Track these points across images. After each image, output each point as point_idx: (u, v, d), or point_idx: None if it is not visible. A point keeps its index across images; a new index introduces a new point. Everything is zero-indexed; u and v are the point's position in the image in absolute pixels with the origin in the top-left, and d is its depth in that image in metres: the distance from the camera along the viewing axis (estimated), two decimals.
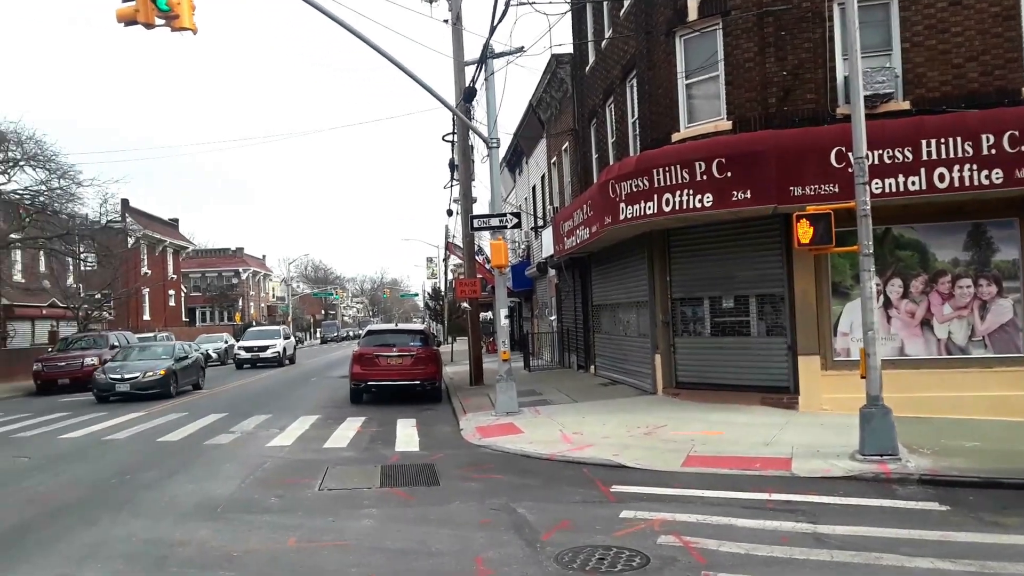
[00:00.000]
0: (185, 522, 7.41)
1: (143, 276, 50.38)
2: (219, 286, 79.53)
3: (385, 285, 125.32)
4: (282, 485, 9.06)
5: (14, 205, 29.89)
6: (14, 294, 35.57)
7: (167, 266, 57.77)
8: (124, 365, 21.14)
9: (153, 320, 51.26)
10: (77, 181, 30.56)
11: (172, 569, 5.94)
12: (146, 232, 51.32)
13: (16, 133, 29.68)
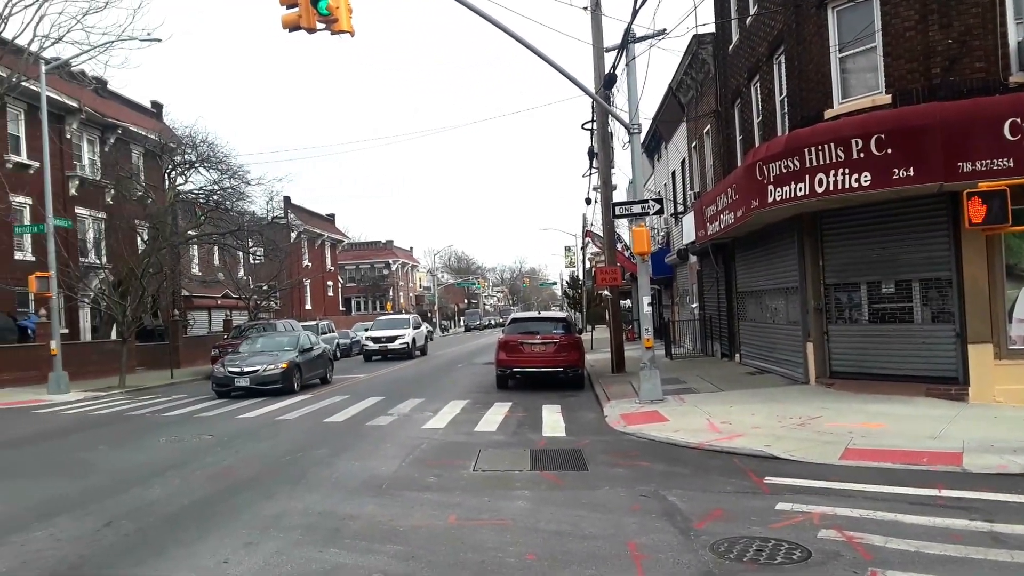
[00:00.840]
0: (354, 497, 7.97)
1: (304, 268, 53.95)
2: (371, 277, 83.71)
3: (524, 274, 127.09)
4: (439, 465, 9.53)
5: (191, 204, 32.78)
6: (192, 286, 39.13)
7: (325, 258, 61.43)
8: (245, 358, 19.57)
9: (314, 309, 54.69)
10: (245, 180, 33.25)
11: (346, 540, 6.41)
12: (306, 227, 54.85)
13: (191, 137, 32.58)
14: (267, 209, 39.35)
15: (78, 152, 30.97)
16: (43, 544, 6.50)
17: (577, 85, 14.94)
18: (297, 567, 5.75)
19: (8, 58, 23.11)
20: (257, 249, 38.73)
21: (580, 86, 15.10)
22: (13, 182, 25.97)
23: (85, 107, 29.63)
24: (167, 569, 5.78)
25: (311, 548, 6.21)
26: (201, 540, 6.54)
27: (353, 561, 5.85)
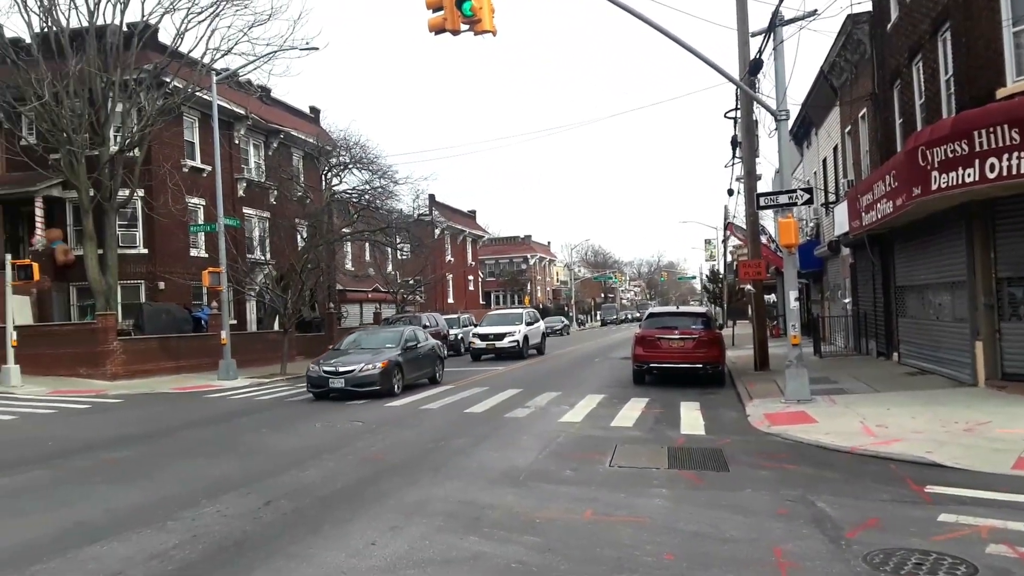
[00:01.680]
0: (493, 487, 8.16)
1: (447, 263, 55.76)
2: (510, 271, 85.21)
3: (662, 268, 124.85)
4: (575, 459, 9.56)
5: (345, 203, 34.66)
6: (346, 280, 41.37)
7: (467, 253, 63.17)
8: (342, 357, 17.78)
9: (456, 303, 56.37)
10: (394, 180, 34.85)
11: (485, 529, 6.58)
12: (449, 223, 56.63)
13: (345, 140, 34.46)
14: (413, 207, 41.02)
15: (245, 156, 33.46)
16: (211, 520, 7.09)
17: (721, 73, 14.47)
18: (439, 552, 5.96)
19: (184, 70, 25.32)
20: (404, 245, 40.36)
21: (724, 73, 14.62)
22: (189, 185, 28.45)
23: (251, 114, 31.97)
24: (321, 547, 6.16)
25: (452, 535, 6.41)
26: (351, 521, 6.92)
27: (492, 550, 5.99)
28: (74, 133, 23.47)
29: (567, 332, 56.98)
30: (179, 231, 28.01)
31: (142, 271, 27.56)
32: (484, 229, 70.47)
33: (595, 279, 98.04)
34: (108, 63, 23.71)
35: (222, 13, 24.70)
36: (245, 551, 6.13)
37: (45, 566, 5.77)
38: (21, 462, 10.28)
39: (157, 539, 6.46)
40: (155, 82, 24.92)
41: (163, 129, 26.46)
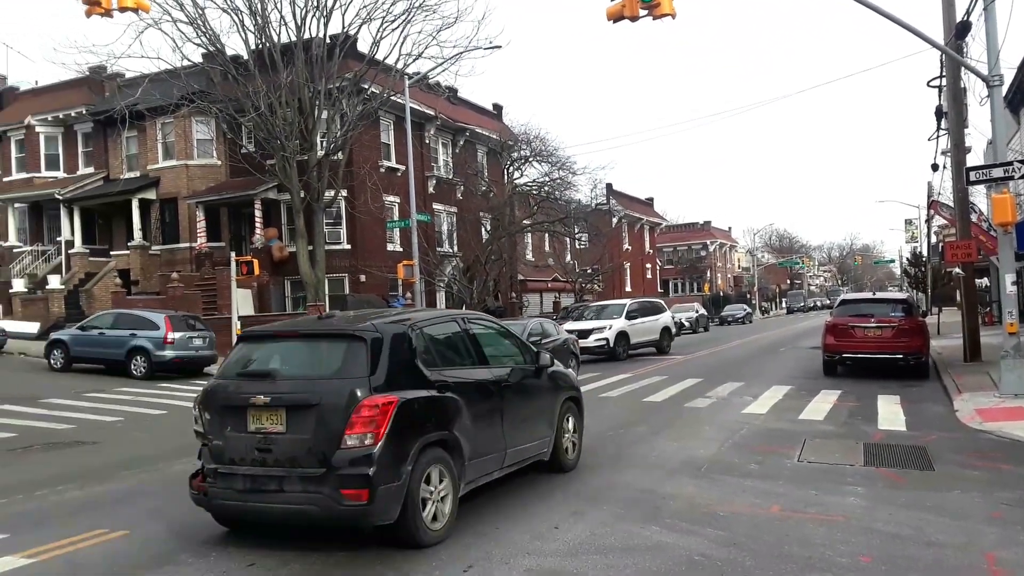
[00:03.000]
0: (672, 477, 8.13)
1: (625, 251, 55.61)
2: (688, 258, 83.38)
3: (855, 252, 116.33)
4: (760, 452, 9.29)
5: (526, 196, 35.60)
6: (526, 270, 42.48)
7: (644, 241, 62.60)
8: None
9: (633, 291, 56.07)
10: (572, 171, 35.32)
11: (666, 520, 6.60)
12: (627, 212, 56.41)
13: (526, 134, 35.38)
14: (591, 196, 41.38)
15: (435, 155, 35.26)
16: None
17: (922, 38, 13.32)
18: (620, 540, 6.06)
19: (380, 77, 27.11)
20: (582, 235, 40.72)
21: (926, 39, 13.44)
22: (385, 184, 30.48)
23: (440, 115, 33.62)
24: (507, 527, 6.46)
25: (632, 523, 6.49)
26: (536, 504, 7.19)
27: (673, 541, 6.01)
28: (286, 140, 25.88)
29: (749, 320, 54.76)
30: (377, 227, 30.08)
31: (345, 265, 29.90)
32: (662, 216, 69.35)
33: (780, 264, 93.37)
34: (314, 74, 25.88)
35: (413, 20, 26.19)
36: None
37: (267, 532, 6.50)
38: None
39: None
40: (355, 89, 26.87)
41: (362, 133, 28.48)
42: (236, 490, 5.84)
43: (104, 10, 10.98)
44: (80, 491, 8.34)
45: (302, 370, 6.25)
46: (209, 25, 25.64)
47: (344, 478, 5.51)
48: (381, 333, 6.08)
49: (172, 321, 20.09)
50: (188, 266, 30.27)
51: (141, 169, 32.13)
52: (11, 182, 34.28)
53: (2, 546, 6.25)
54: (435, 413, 6.18)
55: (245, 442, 5.84)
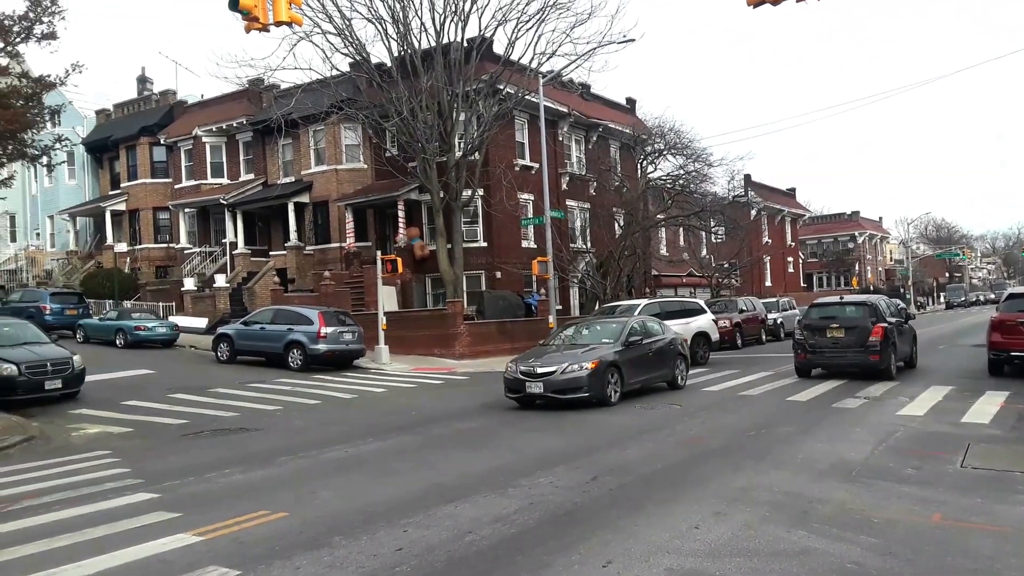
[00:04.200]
0: (821, 480, 7.78)
1: (764, 245, 53.45)
2: (834, 251, 79.08)
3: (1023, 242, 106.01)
4: (917, 456, 8.72)
5: (660, 190, 35.02)
6: (660, 265, 41.77)
7: (785, 234, 59.93)
8: (544, 354, 14.27)
9: (774, 286, 53.84)
10: (708, 163, 34.34)
11: (814, 524, 6.33)
12: (766, 203, 54.23)
13: (660, 127, 34.77)
14: (728, 188, 39.97)
15: (568, 151, 35.35)
16: (545, 489, 7.75)
17: None
18: (765, 543, 5.88)
19: (515, 77, 27.51)
20: (719, 228, 39.54)
21: None
22: (520, 182, 30.90)
23: (573, 111, 33.66)
24: (645, 525, 6.43)
25: (778, 527, 6.28)
26: (673, 502, 7.11)
27: (823, 547, 5.76)
28: (427, 143, 26.78)
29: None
30: (512, 225, 30.56)
31: (482, 262, 30.57)
32: (805, 207, 66.04)
33: (937, 256, 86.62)
34: (452, 77, 26.62)
35: (547, 19, 26.30)
36: (575, 522, 6.63)
37: (411, 520, 6.78)
38: (392, 429, 12.14)
39: (500, 503, 7.25)
40: (491, 90, 27.41)
41: (498, 133, 28.99)
42: (824, 356, 16.17)
43: (262, 25, 11.80)
44: (244, 474, 9.05)
45: (852, 314, 16.47)
46: (355, 35, 26.91)
47: (870, 350, 15.44)
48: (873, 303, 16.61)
49: (325, 317, 21.33)
50: (338, 264, 31.98)
51: (295, 174, 34.29)
52: (181, 189, 37.59)
53: (175, 524, 6.88)
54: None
55: (828, 340, 16.13)
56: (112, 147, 40.05)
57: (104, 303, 31.70)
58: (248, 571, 5.58)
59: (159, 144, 38.37)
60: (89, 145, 41.12)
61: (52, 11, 13.63)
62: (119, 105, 42.02)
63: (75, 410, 14.49)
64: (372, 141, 32.13)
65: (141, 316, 26.70)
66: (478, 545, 6.06)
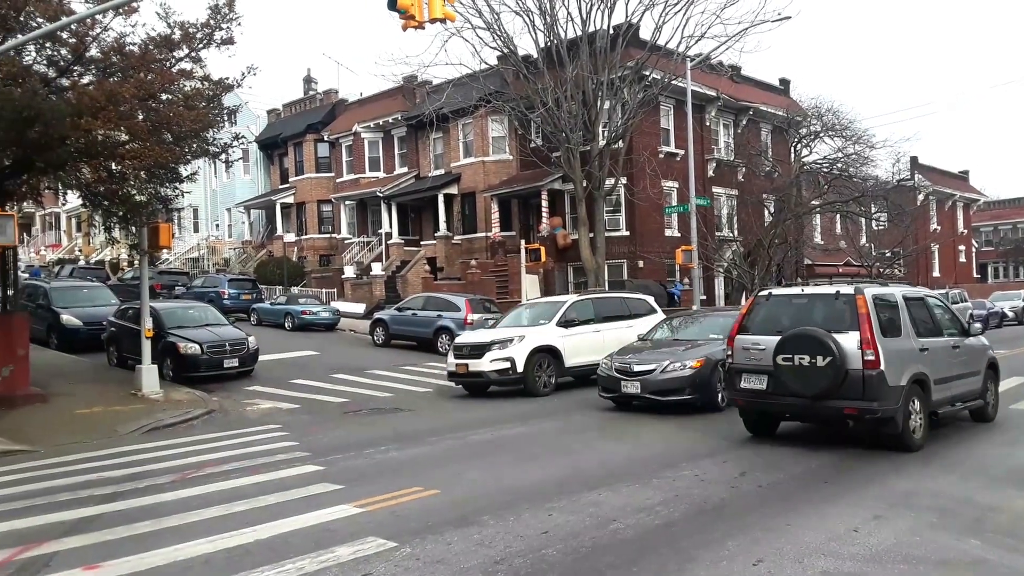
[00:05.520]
0: (996, 487, 7.21)
1: (932, 232, 49.47)
2: (1014, 239, 71.77)
3: None
4: None
5: (815, 174, 33.25)
6: (815, 254, 39.68)
7: (957, 220, 55.23)
8: (644, 351, 12.76)
9: (943, 276, 49.85)
10: (870, 145, 32.18)
11: (988, 533, 5.89)
12: (935, 188, 50.15)
13: (816, 108, 32.98)
14: (892, 172, 37.30)
15: (715, 136, 34.30)
16: (690, 482, 7.63)
17: None
18: (932, 551, 5.54)
19: (661, 62, 27.03)
20: (880, 214, 37.02)
21: None
22: (664, 169, 30.34)
23: (721, 94, 32.59)
24: (798, 525, 6.19)
25: (947, 534, 5.89)
26: (830, 503, 6.80)
27: (998, 559, 5.37)
28: (571, 132, 26.87)
29: None
30: (655, 213, 30.08)
31: (624, 251, 30.34)
32: (979, 192, 60.33)
33: None
34: (597, 65, 26.52)
35: (696, 1, 25.62)
36: (723, 517, 6.50)
37: (555, 504, 6.90)
38: (535, 414, 12.37)
39: (643, 494, 7.22)
40: (636, 77, 27.07)
41: (642, 120, 28.60)
42: None
43: (418, 23, 12.29)
44: (399, 452, 9.56)
45: None
46: (503, 28, 27.39)
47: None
48: None
49: (471, 304, 22.00)
50: (484, 254, 32.81)
51: (445, 167, 35.48)
52: (342, 182, 39.85)
53: (338, 496, 7.39)
54: None
55: None
56: (281, 144, 43.10)
57: (274, 289, 34.19)
58: (404, 544, 5.90)
59: (322, 141, 40.86)
60: (261, 142, 44.42)
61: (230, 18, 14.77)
62: (287, 105, 45.09)
63: (250, 387, 15.83)
64: (517, 132, 32.61)
65: (307, 301, 28.56)
66: (623, 534, 6.09)
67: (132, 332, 16.25)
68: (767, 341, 9.13)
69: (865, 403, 8.50)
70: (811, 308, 9.39)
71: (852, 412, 8.72)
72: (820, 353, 8.54)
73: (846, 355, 8.49)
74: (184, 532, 6.37)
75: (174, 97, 15.05)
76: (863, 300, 8.79)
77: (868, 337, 8.52)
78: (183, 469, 8.93)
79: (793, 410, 9.41)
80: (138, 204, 14.98)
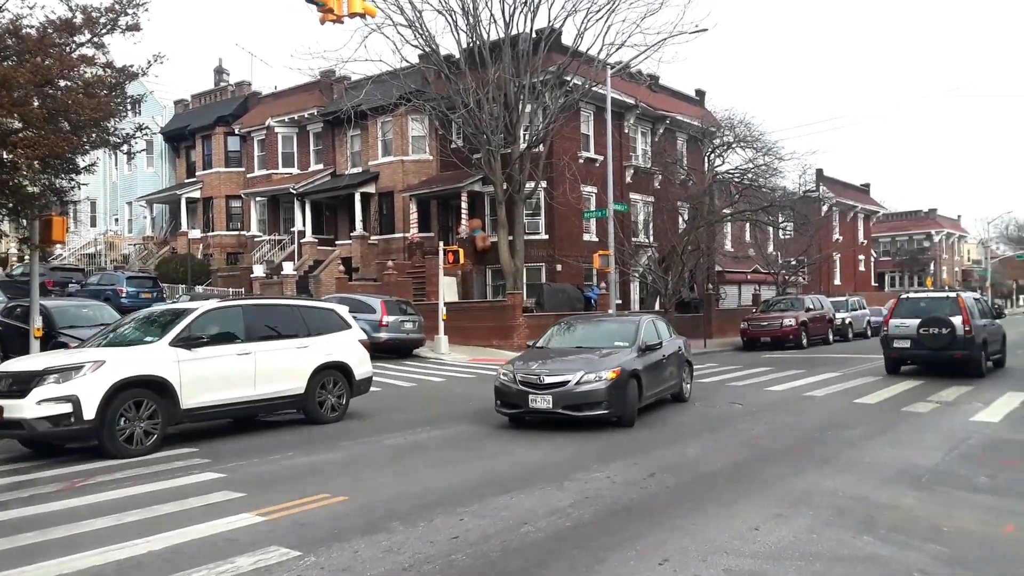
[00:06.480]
0: (888, 486, 7.53)
1: (834, 242, 51.91)
2: (908, 250, 76.26)
3: None
4: (991, 464, 8.39)
5: (727, 183, 34.36)
6: (725, 261, 41.02)
7: (857, 231, 58.14)
8: (548, 360, 11.47)
9: (843, 284, 52.33)
10: (778, 156, 33.49)
11: (880, 530, 6.13)
12: (838, 199, 52.63)
13: (729, 119, 34.09)
14: (799, 183, 39.00)
15: (633, 144, 35.02)
16: (601, 484, 7.69)
17: None
18: (829, 548, 5.73)
19: (582, 68, 27.37)
20: (787, 224, 38.60)
21: None
22: (584, 174, 30.76)
23: (640, 103, 33.30)
24: (704, 524, 6.33)
25: (842, 531, 6.12)
26: (733, 503, 6.98)
27: (889, 554, 5.59)
28: (492, 134, 26.89)
29: None
30: (574, 217, 30.44)
31: (543, 254, 30.59)
32: (879, 204, 63.77)
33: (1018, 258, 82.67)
34: (519, 68, 26.65)
35: (617, 9, 26.08)
36: (632, 518, 6.58)
37: (468, 509, 6.83)
38: (450, 418, 12.26)
39: (556, 496, 7.24)
40: (558, 82, 27.34)
41: (563, 125, 28.90)
42: None
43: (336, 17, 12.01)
44: (306, 457, 9.28)
45: None
46: (425, 27, 27.21)
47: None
48: None
49: (387, 305, 21.71)
50: (401, 254, 32.48)
51: (363, 165, 34.93)
52: (253, 178, 38.72)
53: (240, 504, 7.10)
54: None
55: None
56: (189, 136, 41.53)
57: (177, 288, 32.89)
58: (308, 553, 5.71)
59: (233, 134, 39.59)
60: (167, 134, 42.71)
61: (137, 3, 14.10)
62: (196, 96, 43.50)
63: None
64: (438, 132, 32.44)
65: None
66: (533, 536, 6.07)
67: (20, 332, 15.28)
68: (911, 321, 16.66)
69: (965, 351, 16.09)
70: (932, 304, 17.18)
71: (959, 356, 16.16)
72: (945, 327, 16.08)
73: (956, 328, 15.97)
74: (71, 544, 5.99)
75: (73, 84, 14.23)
76: (962, 299, 16.73)
77: (966, 319, 16.17)
78: (71, 477, 8.43)
79: (923, 358, 16.95)
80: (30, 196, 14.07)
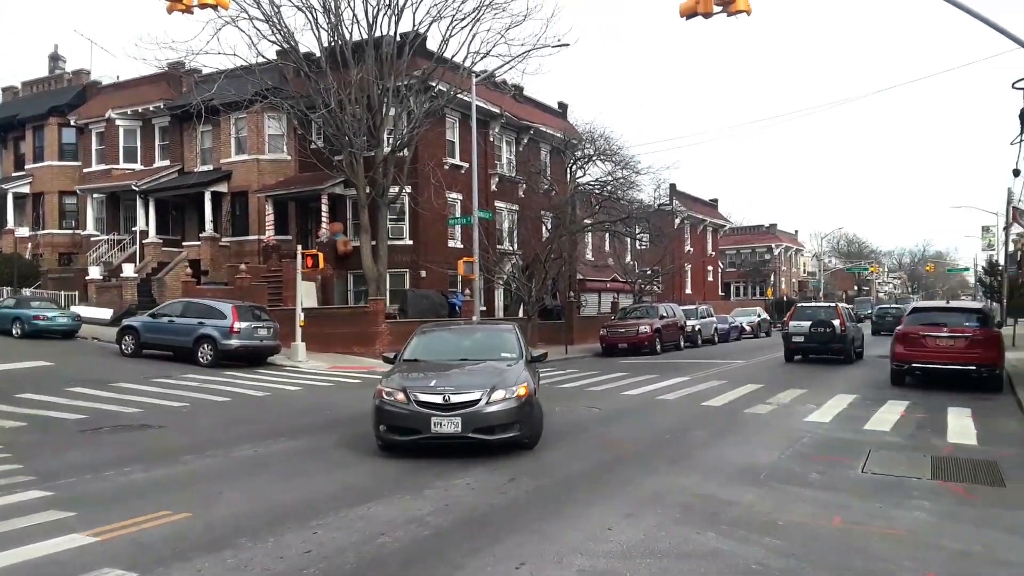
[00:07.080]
0: (731, 484, 7.97)
1: (686, 253, 54.83)
2: (752, 262, 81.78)
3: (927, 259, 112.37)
4: (822, 461, 9.04)
5: (588, 195, 35.45)
6: (585, 270, 42.28)
7: (707, 243, 61.67)
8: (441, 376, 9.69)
9: (694, 293, 55.27)
10: (636, 170, 34.99)
11: (723, 526, 6.46)
12: (690, 213, 55.63)
13: (590, 133, 35.22)
14: (654, 196, 40.93)
15: (498, 152, 35.36)
16: (461, 491, 7.66)
17: (1010, 37, 12.73)
18: (675, 544, 5.97)
19: (448, 74, 27.33)
20: (643, 235, 40.33)
21: (1014, 38, 12.84)
22: (449, 180, 30.72)
23: (505, 112, 33.66)
24: (560, 526, 6.44)
25: (689, 528, 6.39)
26: (589, 505, 7.15)
27: (730, 548, 5.89)
28: (354, 136, 26.30)
29: None
30: (439, 224, 30.34)
31: (407, 260, 30.23)
32: (726, 218, 68.07)
33: (847, 270, 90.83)
34: (383, 71, 26.24)
35: (482, 18, 26.17)
36: (491, 523, 6.59)
37: (322, 521, 6.60)
38: (306, 428, 11.82)
39: (414, 505, 7.13)
40: (423, 87, 27.14)
41: (428, 130, 28.72)
42: None
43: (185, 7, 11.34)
44: (145, 473, 8.64)
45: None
46: (284, 23, 26.24)
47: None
48: None
49: (239, 311, 20.65)
50: (256, 258, 31.09)
51: (214, 163, 33.16)
52: (91, 173, 35.85)
53: (70, 524, 6.51)
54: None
55: None
56: (18, 126, 37.87)
57: (2, 290, 29.95)
58: (146, 573, 5.33)
59: (69, 125, 36.49)
60: None
61: None
62: (28, 83, 39.88)
63: None
64: (297, 132, 31.35)
65: (41, 305, 25.36)
66: (390, 547, 5.94)
67: None
68: (804, 323, 22.96)
69: (841, 344, 22.53)
70: (819, 310, 24.25)
71: (837, 348, 22.54)
72: (829, 327, 22.36)
73: (836, 328, 22.28)
74: None
75: None
76: (839, 308, 24.02)
77: (843, 322, 22.69)
78: None
79: (813, 350, 22.86)
80: None
